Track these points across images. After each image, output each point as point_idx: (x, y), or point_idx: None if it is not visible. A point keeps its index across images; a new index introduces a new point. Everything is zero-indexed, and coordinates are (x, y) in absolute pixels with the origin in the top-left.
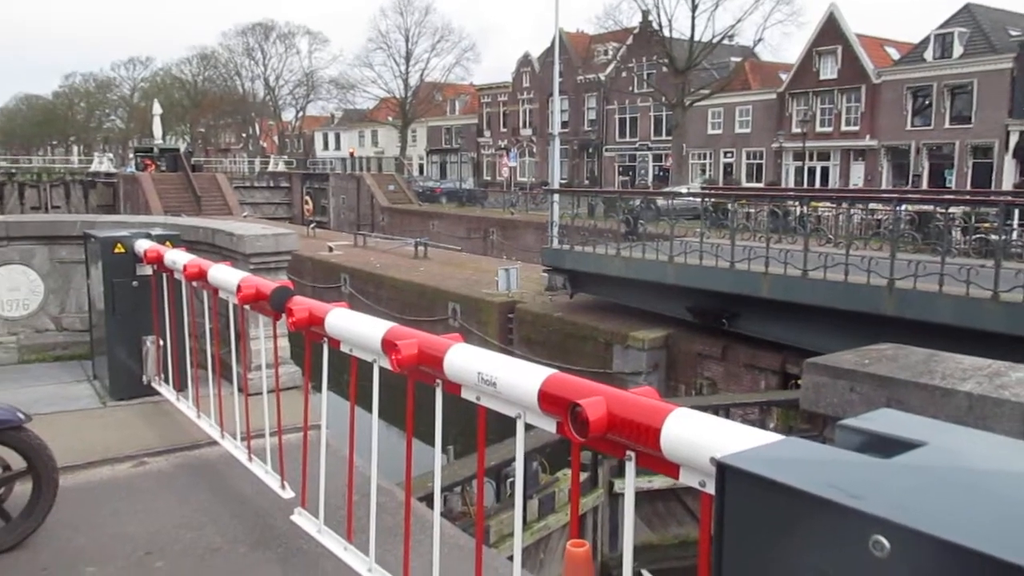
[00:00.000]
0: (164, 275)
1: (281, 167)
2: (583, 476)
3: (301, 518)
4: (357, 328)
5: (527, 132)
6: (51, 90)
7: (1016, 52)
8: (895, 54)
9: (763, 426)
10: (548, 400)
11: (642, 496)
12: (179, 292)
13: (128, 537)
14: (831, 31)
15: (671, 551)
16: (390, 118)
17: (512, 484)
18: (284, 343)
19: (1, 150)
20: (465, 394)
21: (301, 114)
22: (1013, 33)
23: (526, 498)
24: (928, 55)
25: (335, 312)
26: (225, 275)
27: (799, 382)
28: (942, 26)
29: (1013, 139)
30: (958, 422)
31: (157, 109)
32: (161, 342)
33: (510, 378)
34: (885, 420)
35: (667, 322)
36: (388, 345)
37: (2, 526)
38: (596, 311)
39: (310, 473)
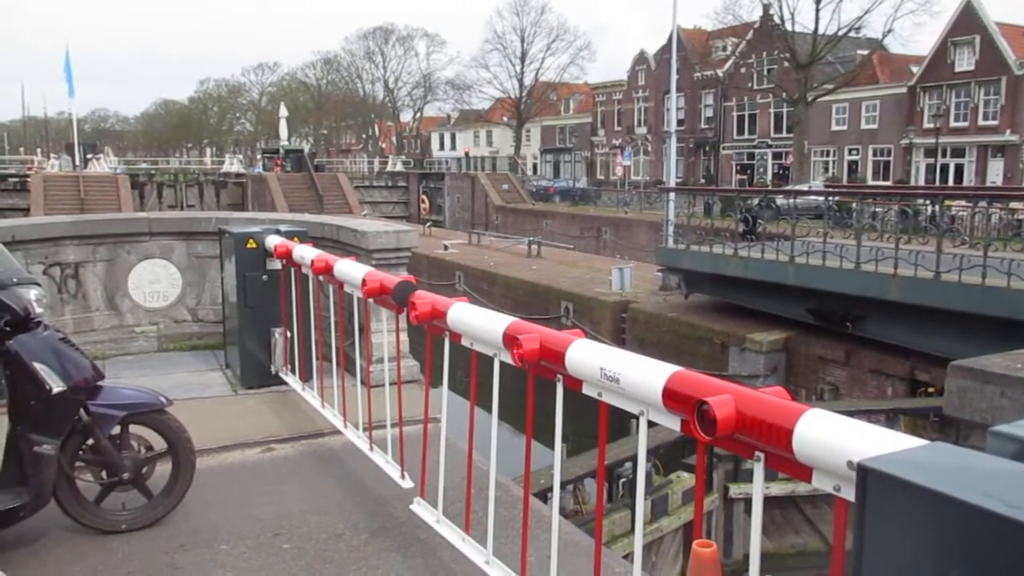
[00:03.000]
0: (292, 269)
1: (399, 167)
2: (693, 479)
3: (420, 508)
4: (479, 322)
5: (641, 130)
6: (187, 95)
7: None
8: None
9: None
10: (673, 397)
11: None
12: (306, 286)
13: (258, 519)
14: (968, 20)
15: (788, 560)
16: (505, 118)
17: (624, 484)
18: (404, 337)
19: (142, 153)
20: (586, 390)
21: (418, 115)
22: None
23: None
24: None
25: (457, 306)
26: (351, 269)
27: (930, 389)
28: None
29: None
30: None
31: (283, 112)
32: (288, 334)
33: (633, 374)
34: None
35: (786, 324)
36: (510, 339)
37: (145, 503)
38: (711, 312)
39: (429, 465)
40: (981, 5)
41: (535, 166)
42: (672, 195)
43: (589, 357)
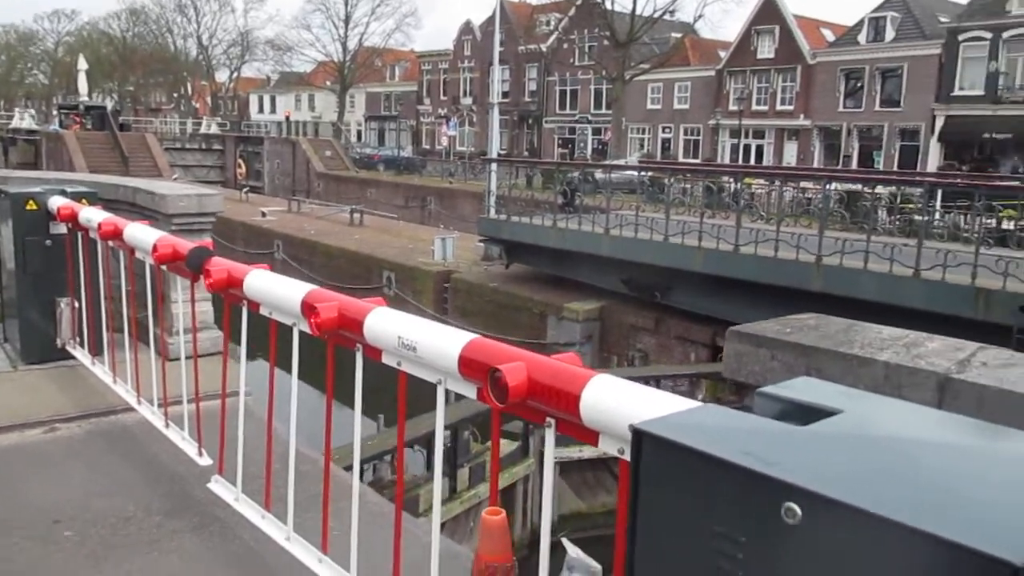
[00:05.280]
0: (79, 234)
1: (214, 129)
2: (514, 445)
3: (218, 486)
4: (277, 290)
5: (467, 101)
6: None
7: (944, 38)
8: (830, 36)
9: (692, 398)
10: (468, 365)
11: (572, 465)
12: (95, 252)
13: (35, 506)
14: (769, 10)
15: (600, 519)
16: (328, 82)
17: (443, 453)
18: (207, 307)
19: None
20: (386, 359)
21: (236, 75)
22: (942, 19)
23: (456, 467)
24: (862, 38)
25: (255, 273)
26: (142, 234)
27: None
28: (876, 10)
29: (939, 123)
30: (875, 390)
31: (83, 64)
32: (76, 304)
33: (431, 343)
34: (803, 388)
35: (601, 294)
36: (308, 308)
37: None
38: (531, 282)
39: (229, 440)
40: None
41: (359, 133)
42: (494, 166)
43: (387, 325)
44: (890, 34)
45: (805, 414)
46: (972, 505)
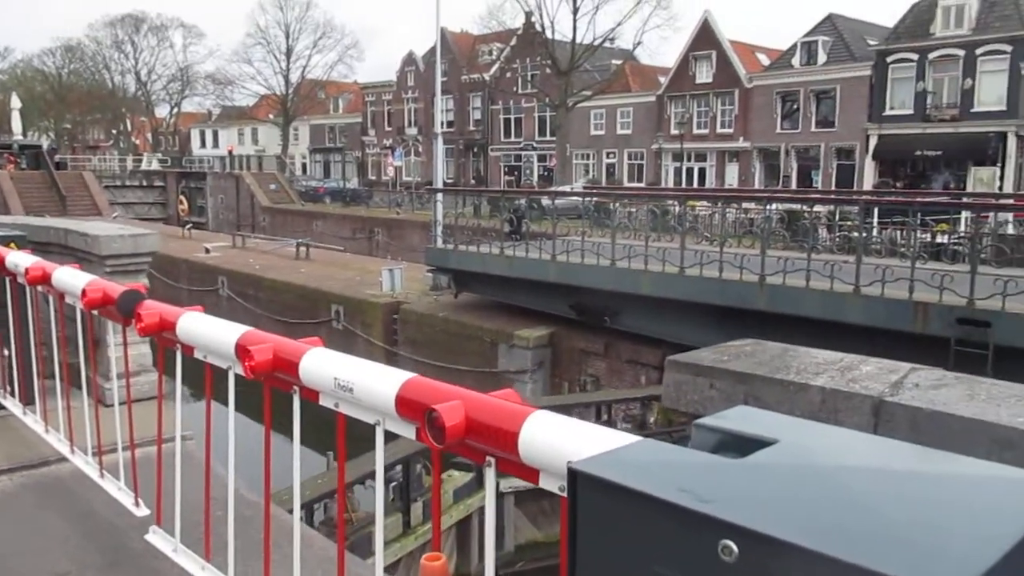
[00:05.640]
0: (7, 279)
1: (155, 165)
2: (468, 477)
3: (156, 537)
4: (210, 333)
5: (412, 131)
6: None
7: (873, 60)
8: (765, 60)
9: (644, 420)
10: (406, 405)
11: (527, 494)
12: (24, 297)
13: None
14: (706, 37)
15: (556, 548)
16: (271, 116)
17: (395, 488)
18: (144, 349)
19: None
20: (323, 401)
21: (176, 110)
22: (871, 42)
23: (410, 501)
24: (795, 62)
25: (188, 316)
26: (71, 279)
27: None
28: (808, 34)
29: (872, 142)
30: (812, 416)
31: (16, 103)
32: (5, 352)
33: (367, 383)
34: (740, 418)
35: (551, 320)
36: (242, 351)
37: None
38: (481, 310)
39: (168, 489)
40: (716, 24)
41: (304, 166)
42: (440, 196)
43: (323, 366)
44: (822, 57)
45: (742, 445)
46: (907, 536)
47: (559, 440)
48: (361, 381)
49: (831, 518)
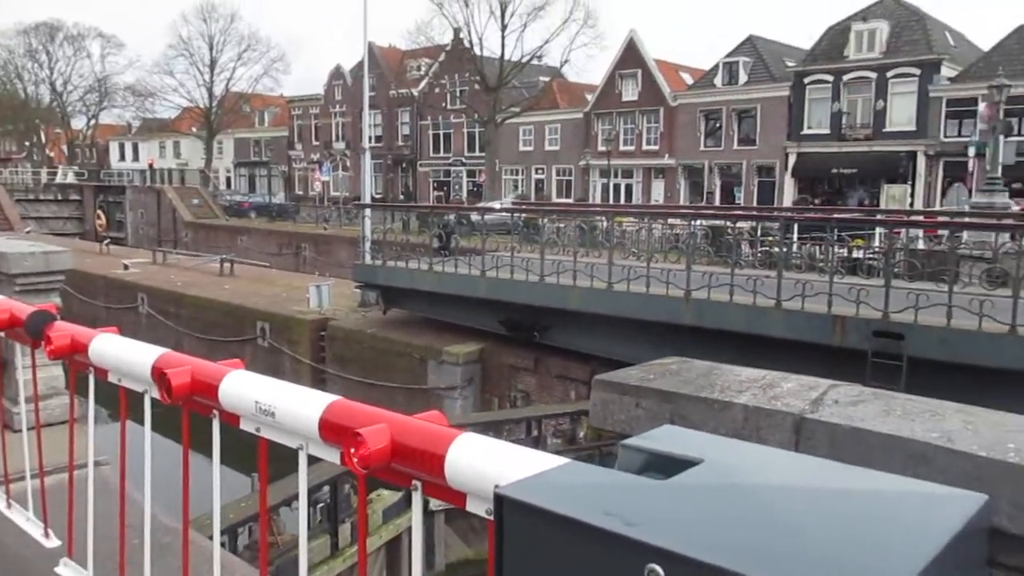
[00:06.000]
0: None
1: (71, 178)
2: (398, 495)
3: (67, 569)
4: (125, 355)
5: (340, 146)
6: None
7: (791, 81)
8: (689, 79)
9: (574, 435)
10: (330, 429)
11: (457, 512)
12: None
13: None
14: (632, 56)
15: (486, 566)
16: (194, 128)
17: (323, 510)
18: (56, 371)
19: None
20: (244, 425)
21: (94, 122)
22: (789, 64)
23: (338, 523)
24: (718, 81)
25: (101, 338)
26: None
27: None
28: (729, 55)
29: (792, 160)
30: (736, 434)
31: None
32: None
33: (290, 407)
34: (666, 438)
35: (481, 336)
36: (159, 374)
37: None
38: (410, 327)
39: (80, 517)
40: (642, 43)
41: (229, 180)
42: (368, 211)
43: (244, 390)
44: (743, 77)
45: (668, 465)
46: (830, 556)
47: (485, 463)
48: (283, 405)
49: (756, 540)
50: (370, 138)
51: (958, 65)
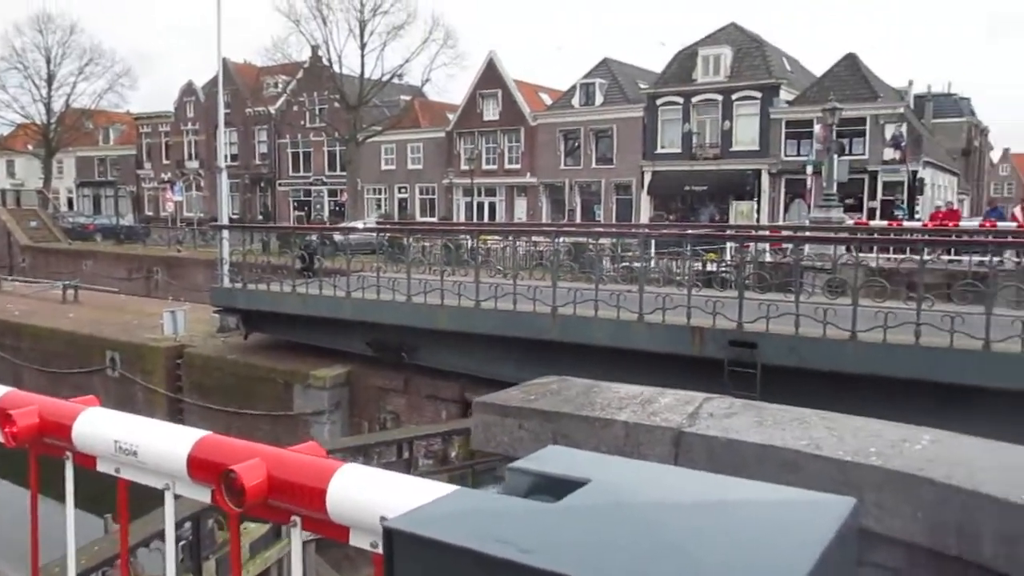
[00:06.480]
0: None
1: None
2: (265, 527)
3: None
4: None
5: (193, 164)
6: None
7: (645, 102)
8: (548, 100)
9: (447, 456)
10: (199, 467)
11: (329, 542)
12: None
13: None
14: (492, 76)
15: None
16: (30, 147)
17: (184, 548)
18: None
19: None
20: (101, 467)
21: None
22: (642, 86)
23: (201, 560)
24: (575, 102)
25: None
26: None
27: None
28: (586, 77)
29: (647, 178)
30: (618, 451)
31: None
32: None
33: (154, 445)
34: (551, 459)
35: (348, 358)
36: (1, 415)
37: None
38: (274, 351)
39: None
40: (502, 64)
41: (71, 201)
42: (226, 233)
43: (101, 429)
44: (599, 99)
45: (555, 487)
46: (718, 572)
47: (370, 495)
48: (147, 443)
49: (648, 562)
50: (226, 156)
51: (795, 89)
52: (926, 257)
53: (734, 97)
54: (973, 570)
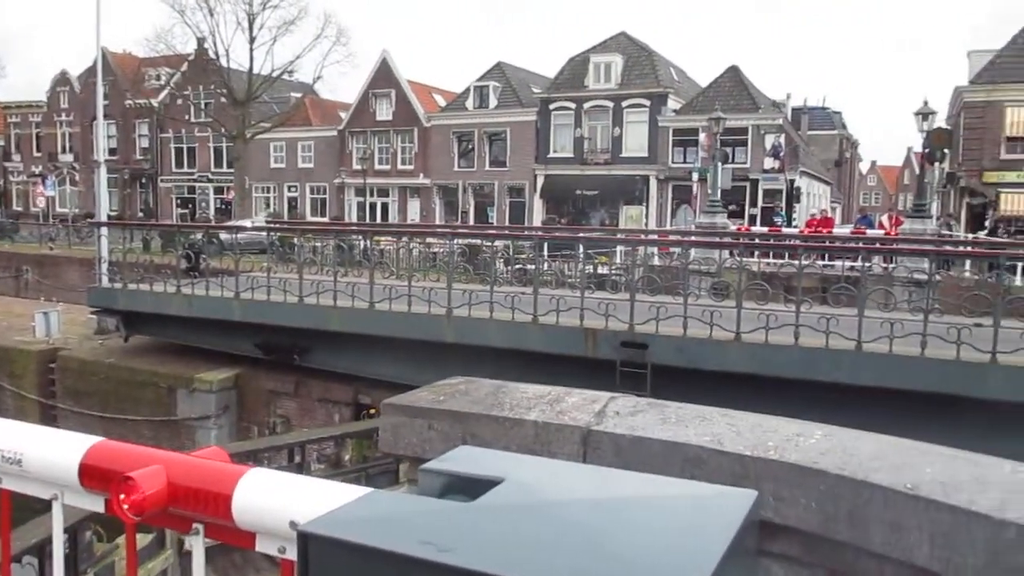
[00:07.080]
0: None
1: None
2: (148, 538)
3: None
4: None
5: (67, 158)
6: None
7: (538, 107)
8: (442, 101)
9: (339, 459)
10: (92, 475)
11: (215, 549)
12: None
13: None
14: (385, 76)
15: None
16: None
17: (63, 560)
18: None
19: None
20: None
21: None
22: (536, 90)
23: (79, 574)
24: (469, 104)
25: None
26: None
27: (371, 411)
28: (480, 79)
29: (540, 181)
30: (528, 450)
31: None
32: None
33: (41, 452)
34: (464, 459)
35: (237, 361)
36: None
37: None
38: (156, 354)
39: None
40: (395, 64)
41: None
42: (105, 230)
43: None
44: (493, 102)
45: (469, 487)
46: (631, 565)
47: (278, 500)
48: (33, 451)
49: (565, 556)
50: (104, 150)
51: (682, 98)
52: (804, 262)
53: (624, 104)
54: (863, 555)
